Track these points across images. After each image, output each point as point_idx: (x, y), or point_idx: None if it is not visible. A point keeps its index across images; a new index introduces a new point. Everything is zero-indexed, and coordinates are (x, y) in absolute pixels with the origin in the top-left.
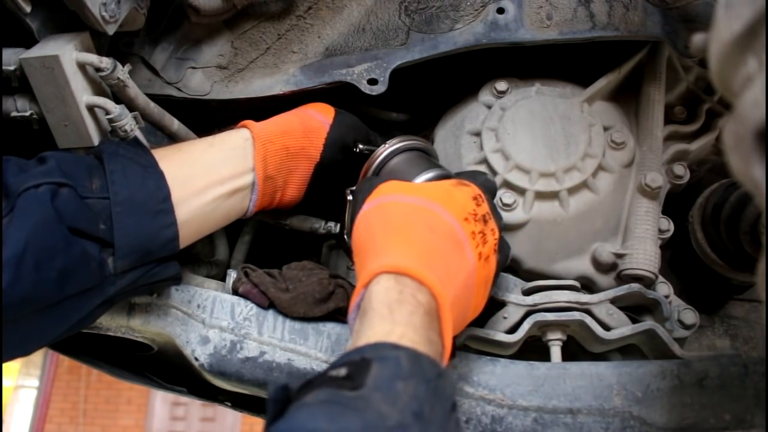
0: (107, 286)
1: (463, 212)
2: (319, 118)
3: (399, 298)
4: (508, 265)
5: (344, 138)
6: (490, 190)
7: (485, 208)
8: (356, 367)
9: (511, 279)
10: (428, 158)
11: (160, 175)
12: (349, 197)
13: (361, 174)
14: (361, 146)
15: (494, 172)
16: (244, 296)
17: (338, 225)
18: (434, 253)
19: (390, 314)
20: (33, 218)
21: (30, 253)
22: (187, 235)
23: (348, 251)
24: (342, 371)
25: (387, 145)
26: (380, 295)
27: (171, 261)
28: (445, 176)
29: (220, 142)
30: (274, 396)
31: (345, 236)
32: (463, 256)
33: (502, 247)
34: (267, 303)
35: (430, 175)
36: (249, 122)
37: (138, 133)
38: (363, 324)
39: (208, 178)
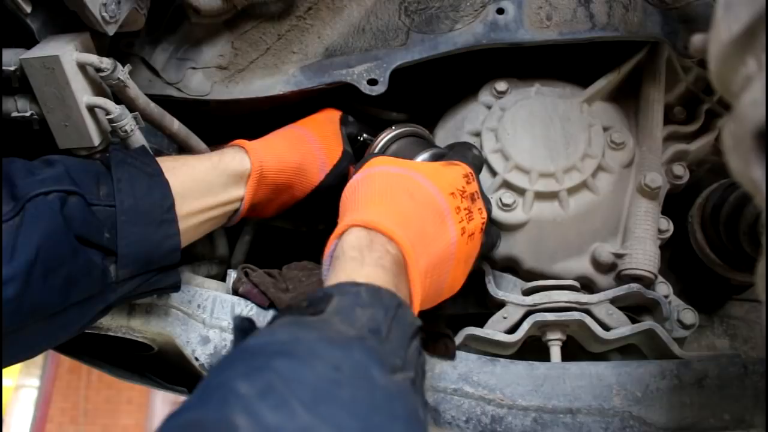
0: (109, 294)
1: (449, 187)
2: (321, 159)
3: (369, 245)
4: (508, 265)
5: (339, 176)
6: (477, 167)
7: (475, 187)
8: (318, 299)
9: (511, 279)
10: (426, 142)
11: (165, 185)
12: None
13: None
14: (364, 135)
15: (494, 172)
16: (244, 296)
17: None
18: (410, 216)
19: (360, 256)
20: (43, 226)
21: (40, 262)
22: None
23: None
24: (304, 303)
25: (386, 132)
26: (352, 242)
27: (172, 270)
28: (442, 155)
29: (224, 166)
30: (240, 325)
31: None
32: (444, 227)
33: (490, 232)
34: (267, 303)
35: (427, 154)
36: (249, 146)
37: (138, 133)
38: (334, 269)
39: (206, 201)
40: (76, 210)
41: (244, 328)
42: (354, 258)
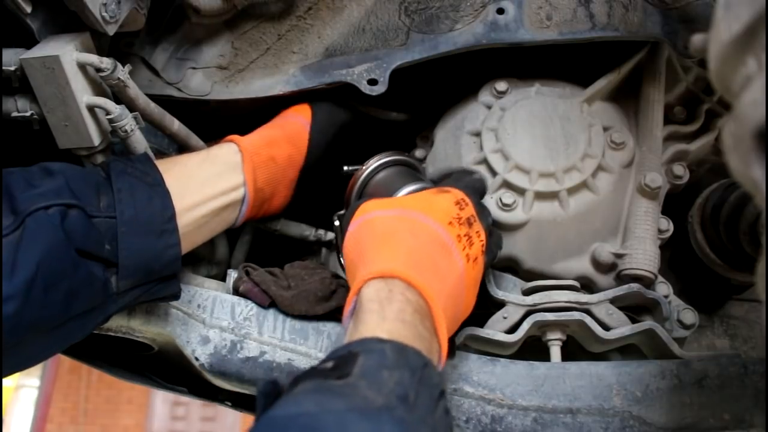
0: (110, 305)
1: (446, 217)
2: (299, 121)
3: (388, 297)
4: (508, 265)
5: (326, 134)
6: (477, 190)
7: (470, 210)
8: (343, 359)
9: (511, 279)
10: (410, 171)
11: (166, 194)
12: (336, 223)
13: (347, 191)
14: (345, 168)
15: (494, 173)
16: (245, 295)
17: (327, 233)
18: (421, 256)
19: (380, 309)
20: (44, 241)
21: (40, 277)
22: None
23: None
24: (329, 364)
25: (368, 163)
26: (371, 295)
27: (172, 279)
28: (426, 187)
29: (214, 157)
30: (263, 390)
31: (339, 261)
32: (451, 258)
33: (490, 248)
34: (268, 302)
35: (411, 188)
36: (235, 137)
37: (138, 133)
38: (356, 324)
39: (203, 192)
40: (77, 223)
41: (268, 392)
42: (374, 311)
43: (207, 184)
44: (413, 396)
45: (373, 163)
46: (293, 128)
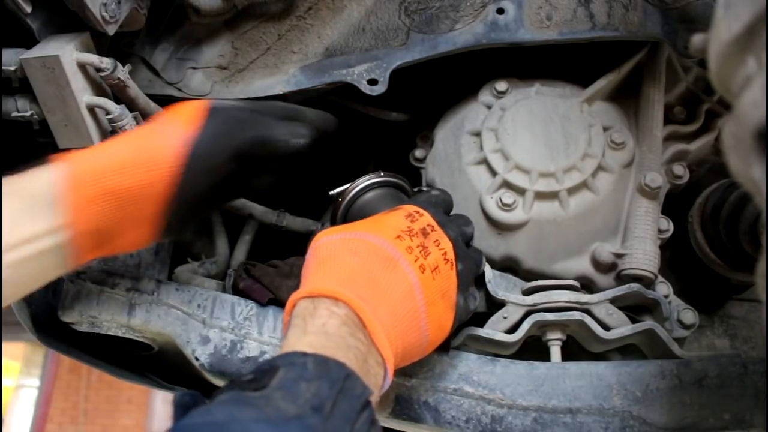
0: None
1: (393, 231)
2: (173, 135)
3: (312, 312)
4: (508, 265)
5: (219, 157)
6: (435, 204)
7: (425, 221)
8: (263, 372)
9: (511, 279)
10: (395, 194)
11: None
12: None
13: (332, 214)
14: (330, 192)
15: (494, 172)
16: (245, 292)
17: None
18: (356, 273)
19: (303, 325)
20: None
21: None
22: None
23: None
24: (249, 376)
25: (353, 185)
26: (297, 312)
27: None
28: None
29: (21, 190)
30: (179, 401)
31: None
32: (398, 270)
33: (466, 256)
34: (268, 297)
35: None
36: (64, 156)
37: None
38: (283, 341)
39: (6, 238)
40: None
41: (184, 403)
42: (297, 326)
43: (10, 228)
44: (330, 406)
45: (358, 185)
46: (158, 147)
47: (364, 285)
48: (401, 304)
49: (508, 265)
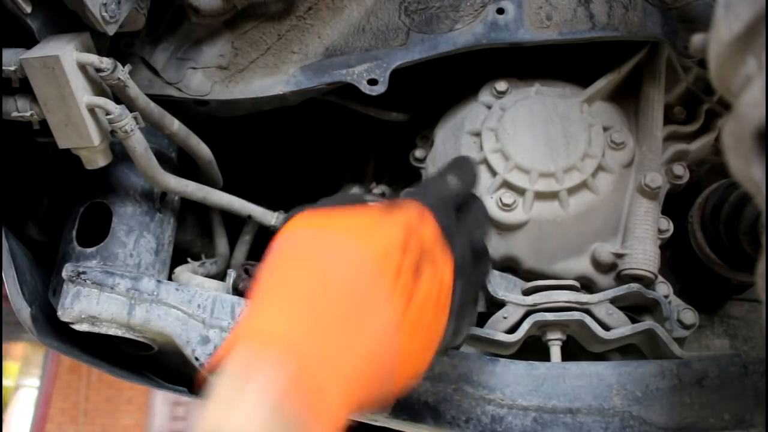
0: None
1: (384, 244)
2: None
3: (254, 367)
4: (508, 265)
5: None
6: (453, 197)
7: (426, 232)
8: None
9: (511, 279)
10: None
11: None
12: None
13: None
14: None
15: (494, 172)
16: (245, 293)
17: None
18: (325, 304)
19: (240, 386)
20: None
21: None
22: None
23: None
24: None
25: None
26: (233, 363)
27: None
28: None
29: None
30: None
31: None
32: (376, 302)
33: (468, 275)
34: None
35: None
36: None
37: (138, 134)
38: (209, 397)
39: None
40: None
41: None
42: (232, 389)
43: None
44: None
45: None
46: None
47: (331, 324)
48: (369, 348)
49: (508, 265)
